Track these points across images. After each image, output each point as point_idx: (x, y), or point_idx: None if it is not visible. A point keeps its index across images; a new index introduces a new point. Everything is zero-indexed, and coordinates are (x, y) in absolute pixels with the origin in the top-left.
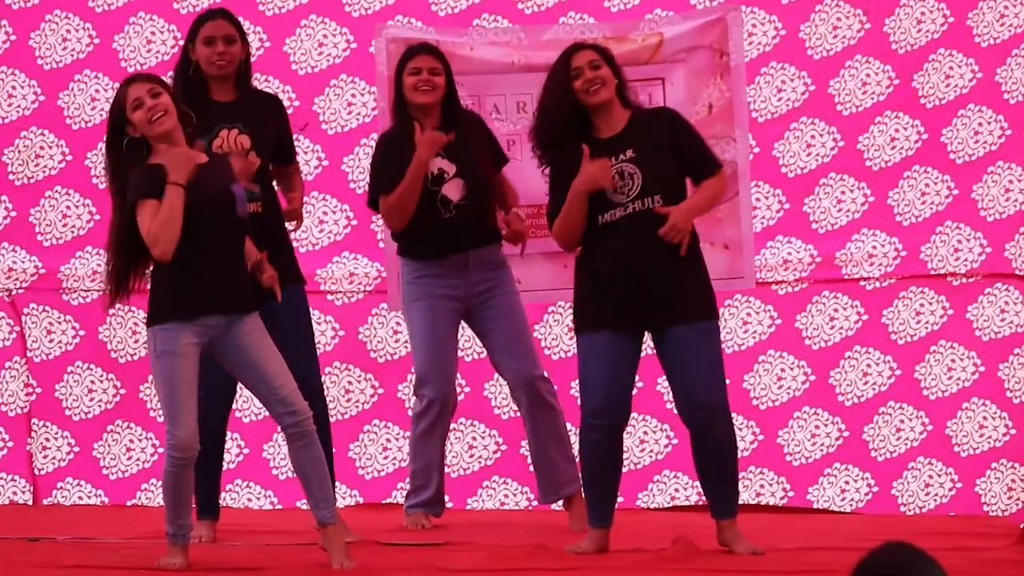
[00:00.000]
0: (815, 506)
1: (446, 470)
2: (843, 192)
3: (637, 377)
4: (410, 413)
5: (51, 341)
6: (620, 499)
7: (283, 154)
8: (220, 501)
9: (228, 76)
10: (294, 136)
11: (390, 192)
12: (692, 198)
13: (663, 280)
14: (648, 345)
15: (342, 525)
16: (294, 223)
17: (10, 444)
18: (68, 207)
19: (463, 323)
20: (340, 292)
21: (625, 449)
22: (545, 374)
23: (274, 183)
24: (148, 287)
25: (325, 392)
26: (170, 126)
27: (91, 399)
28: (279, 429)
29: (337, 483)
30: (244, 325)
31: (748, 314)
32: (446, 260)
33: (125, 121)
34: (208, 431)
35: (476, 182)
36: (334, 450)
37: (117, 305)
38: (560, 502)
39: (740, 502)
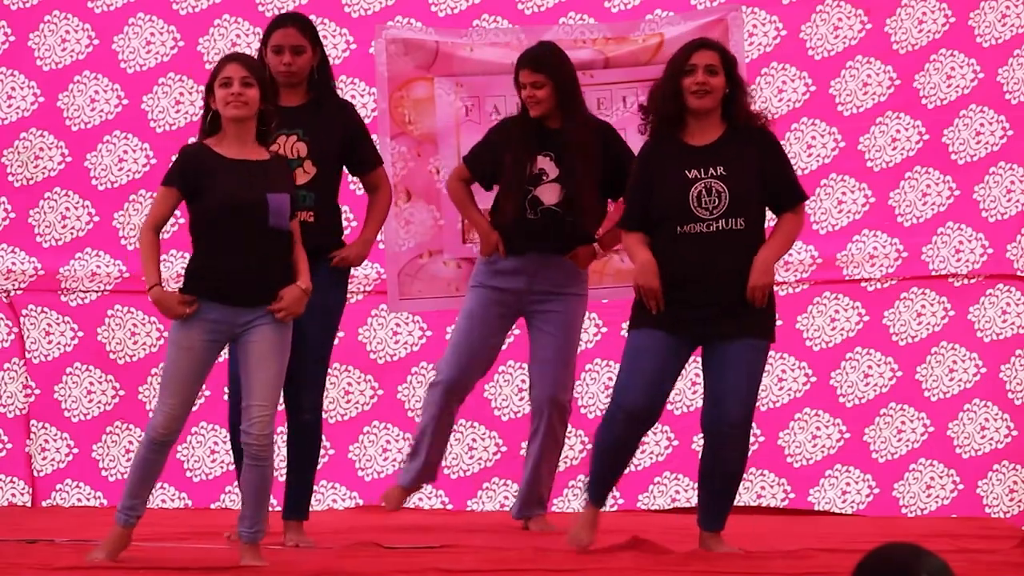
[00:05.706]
0: (816, 508)
1: (446, 471)
2: (844, 193)
3: None
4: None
5: (50, 342)
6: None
7: (357, 163)
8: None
9: (297, 83)
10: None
11: (471, 173)
12: (769, 246)
13: (731, 299)
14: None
15: (292, 534)
16: (349, 253)
17: (9, 446)
18: (67, 208)
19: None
20: None
21: None
22: (568, 400)
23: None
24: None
25: (325, 396)
26: (241, 116)
27: (90, 400)
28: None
29: (336, 484)
30: (254, 333)
31: None
32: (518, 257)
33: (211, 90)
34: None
35: (573, 193)
36: (333, 452)
37: None
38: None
39: (741, 504)
